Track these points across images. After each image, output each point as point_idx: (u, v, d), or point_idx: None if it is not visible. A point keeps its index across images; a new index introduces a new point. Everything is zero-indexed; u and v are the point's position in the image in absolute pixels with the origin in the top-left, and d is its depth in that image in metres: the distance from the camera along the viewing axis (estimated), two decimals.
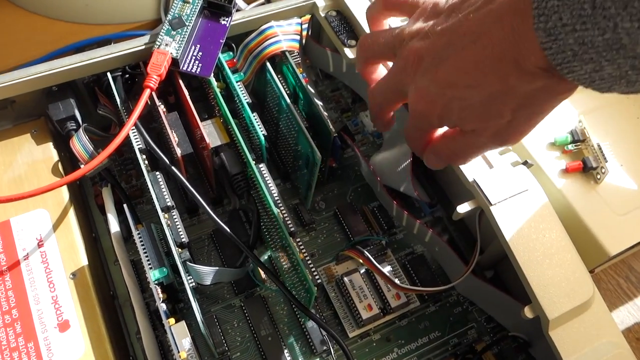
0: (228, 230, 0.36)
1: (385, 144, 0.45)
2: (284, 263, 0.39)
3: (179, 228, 0.35)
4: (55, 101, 0.40)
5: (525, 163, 0.37)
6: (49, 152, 0.40)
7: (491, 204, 0.34)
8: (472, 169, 0.36)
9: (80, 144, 0.38)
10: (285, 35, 0.42)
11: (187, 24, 0.39)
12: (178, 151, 0.37)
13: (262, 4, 0.56)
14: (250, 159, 0.37)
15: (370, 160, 0.44)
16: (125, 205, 0.35)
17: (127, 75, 0.41)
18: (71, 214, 0.38)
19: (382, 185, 0.43)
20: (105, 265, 0.41)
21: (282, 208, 0.35)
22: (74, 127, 0.40)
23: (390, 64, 0.36)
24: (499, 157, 0.37)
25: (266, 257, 0.42)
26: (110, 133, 0.42)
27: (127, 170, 0.45)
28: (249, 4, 0.58)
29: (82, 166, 0.38)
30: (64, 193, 0.38)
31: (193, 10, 0.40)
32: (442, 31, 0.27)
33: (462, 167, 0.36)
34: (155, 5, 0.56)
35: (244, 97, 0.39)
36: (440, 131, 0.33)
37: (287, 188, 0.46)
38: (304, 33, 0.45)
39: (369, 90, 0.36)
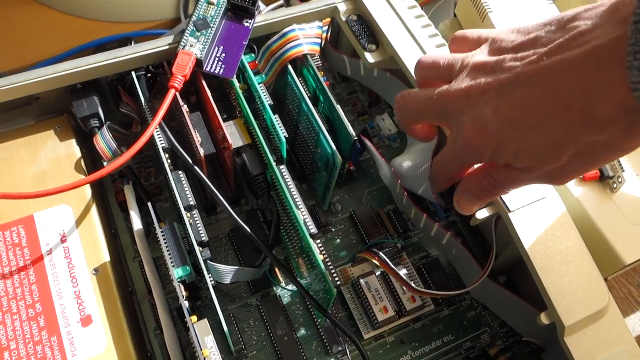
0: (249, 230, 0.37)
1: (405, 152, 0.46)
2: (301, 265, 0.39)
3: (199, 227, 0.36)
4: (79, 99, 0.41)
5: None
6: (72, 149, 0.41)
7: (510, 211, 0.35)
8: None
9: (104, 141, 0.39)
10: (306, 39, 0.43)
11: (211, 25, 0.40)
12: (201, 151, 0.37)
13: (281, 5, 0.56)
14: (272, 160, 0.37)
15: (391, 162, 0.45)
16: (149, 204, 0.35)
17: (149, 75, 0.42)
18: (93, 211, 0.38)
19: (402, 187, 0.43)
20: (124, 261, 0.42)
21: (303, 210, 0.36)
22: (97, 125, 0.41)
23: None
24: None
25: (282, 258, 0.43)
26: (132, 131, 0.43)
27: (147, 168, 0.46)
28: (267, 4, 0.58)
29: (105, 164, 0.39)
30: (86, 190, 0.39)
31: (217, 12, 0.41)
32: (510, 68, 0.27)
33: None
34: (175, 4, 0.57)
35: (266, 99, 0.40)
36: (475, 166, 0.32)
37: (303, 189, 0.46)
38: (324, 35, 0.46)
39: (409, 102, 0.33)
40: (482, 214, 0.36)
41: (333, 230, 0.45)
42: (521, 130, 0.26)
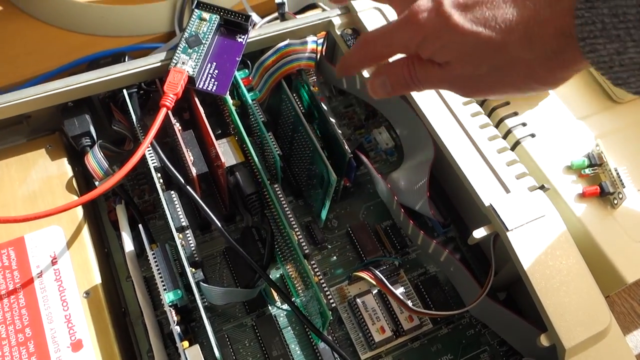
0: (243, 251, 0.36)
1: (403, 164, 0.45)
2: (296, 284, 0.39)
3: (192, 247, 0.35)
4: (71, 117, 0.40)
5: (542, 187, 0.37)
6: (64, 168, 0.40)
7: (508, 230, 0.34)
8: (489, 193, 0.36)
9: (95, 160, 0.38)
10: (301, 54, 0.42)
11: (203, 42, 0.39)
12: (193, 170, 0.37)
13: (276, 18, 0.56)
14: (265, 179, 0.37)
15: (387, 177, 0.44)
16: (140, 226, 0.34)
17: (142, 92, 0.41)
18: (85, 232, 0.38)
19: (399, 203, 0.42)
20: (117, 281, 0.41)
21: (297, 230, 0.35)
22: (89, 143, 0.40)
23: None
24: (516, 181, 0.36)
25: (278, 276, 0.42)
26: (124, 149, 0.42)
27: (140, 185, 0.45)
28: (262, 16, 0.58)
29: (96, 183, 0.38)
30: (78, 210, 0.38)
31: (210, 28, 0.40)
32: None
33: (478, 190, 0.36)
34: (170, 18, 0.56)
35: (260, 116, 0.39)
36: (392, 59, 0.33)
37: (299, 205, 0.46)
38: (319, 48, 0.45)
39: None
40: (480, 233, 0.35)
41: (329, 247, 0.44)
42: (461, 28, 0.27)
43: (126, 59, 0.50)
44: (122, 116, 0.41)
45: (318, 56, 0.45)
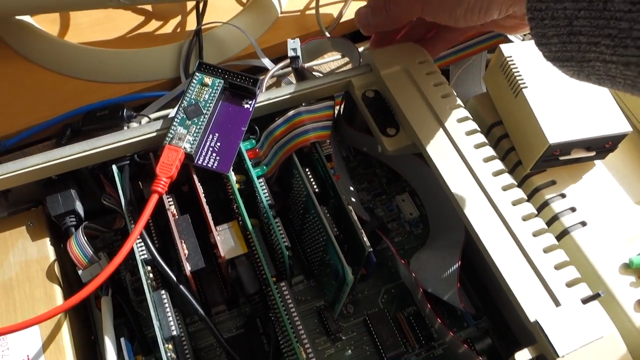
0: (237, 358, 0.31)
1: (428, 244, 0.40)
2: None
3: (187, 354, 0.30)
4: (54, 192, 0.36)
5: (597, 295, 0.31)
6: (45, 251, 0.36)
7: (558, 356, 0.28)
8: (535, 306, 0.30)
9: (78, 247, 0.34)
10: (314, 123, 0.37)
11: (204, 111, 0.34)
12: (187, 267, 0.32)
13: (287, 65, 0.51)
14: (270, 278, 0.32)
15: (411, 262, 0.39)
16: (122, 340, 0.30)
17: (134, 164, 0.36)
18: (65, 331, 0.33)
19: (424, 293, 0.37)
20: None
21: (308, 345, 0.30)
22: (74, 223, 0.35)
23: None
24: (567, 290, 0.31)
25: None
26: (114, 228, 0.37)
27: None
28: (275, 60, 0.53)
29: (79, 272, 0.34)
30: (58, 303, 0.34)
31: (212, 95, 0.35)
32: None
33: (522, 302, 0.30)
34: (174, 63, 0.52)
35: (266, 198, 0.34)
36: None
37: (310, 286, 0.41)
38: (336, 109, 0.40)
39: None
40: (523, 356, 0.29)
41: (344, 338, 0.39)
42: None
43: (124, 112, 0.46)
44: (113, 190, 0.37)
45: (335, 114, 0.40)
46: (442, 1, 0.33)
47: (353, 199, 0.41)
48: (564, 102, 0.36)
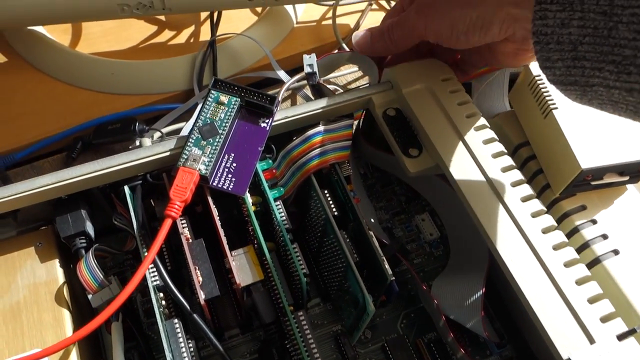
0: None
1: (450, 268, 0.38)
2: None
3: None
4: (64, 212, 0.34)
5: (633, 331, 0.29)
6: (54, 273, 0.34)
7: None
8: (568, 342, 0.28)
9: (88, 270, 0.32)
10: (334, 143, 0.35)
11: (220, 132, 0.33)
12: (201, 295, 0.30)
13: (304, 78, 0.49)
14: (287, 307, 0.30)
15: (432, 287, 0.37)
16: None
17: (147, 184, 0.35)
18: (73, 358, 0.32)
19: (446, 321, 0.35)
20: None
21: None
22: (84, 245, 0.34)
23: None
24: (602, 325, 0.29)
25: None
26: (125, 249, 0.36)
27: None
28: (291, 71, 0.52)
29: (89, 297, 0.33)
30: (66, 328, 0.33)
31: (228, 114, 0.34)
32: None
33: (554, 338, 0.28)
34: (188, 75, 0.50)
35: (283, 222, 0.33)
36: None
37: (327, 310, 0.39)
38: (355, 125, 0.39)
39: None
40: None
41: None
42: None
43: (136, 125, 0.44)
44: (125, 210, 0.35)
45: (354, 130, 0.39)
46: (444, 15, 0.33)
47: (372, 220, 0.39)
48: (595, 125, 0.34)
